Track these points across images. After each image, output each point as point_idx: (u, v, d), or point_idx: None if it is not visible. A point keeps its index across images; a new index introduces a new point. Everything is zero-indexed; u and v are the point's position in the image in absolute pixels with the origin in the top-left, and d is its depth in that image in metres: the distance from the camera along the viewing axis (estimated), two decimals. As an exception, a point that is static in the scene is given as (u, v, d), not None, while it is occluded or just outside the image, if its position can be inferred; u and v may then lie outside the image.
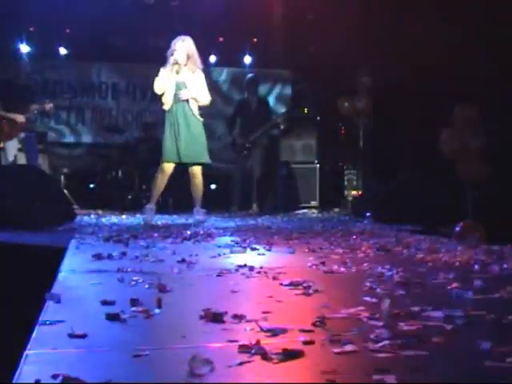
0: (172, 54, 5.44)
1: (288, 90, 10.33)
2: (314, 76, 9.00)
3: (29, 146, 6.81)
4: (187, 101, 5.49)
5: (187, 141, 5.45)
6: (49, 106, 6.99)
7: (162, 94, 5.50)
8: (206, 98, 5.60)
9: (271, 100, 9.61)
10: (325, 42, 7.80)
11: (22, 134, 6.75)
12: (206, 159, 5.57)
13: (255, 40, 9.78)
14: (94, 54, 9.43)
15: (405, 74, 6.21)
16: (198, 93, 5.53)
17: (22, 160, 6.80)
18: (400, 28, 6.27)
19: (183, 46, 5.47)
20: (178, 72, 5.45)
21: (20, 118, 6.67)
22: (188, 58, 5.50)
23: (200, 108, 5.61)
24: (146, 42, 9.29)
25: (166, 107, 5.51)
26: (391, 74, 6.73)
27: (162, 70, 5.51)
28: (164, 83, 5.42)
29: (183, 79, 5.49)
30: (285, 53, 9.38)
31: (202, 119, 5.59)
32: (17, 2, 8.01)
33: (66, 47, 9.38)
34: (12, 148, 6.71)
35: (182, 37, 5.51)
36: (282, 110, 9.74)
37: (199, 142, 5.53)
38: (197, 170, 5.57)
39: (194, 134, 5.50)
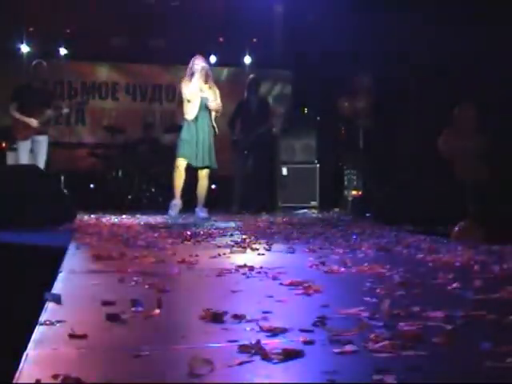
0: (193, 70, 6.05)
1: (288, 90, 10.32)
2: (314, 76, 8.99)
3: (38, 148, 6.99)
4: (210, 113, 6.14)
5: (204, 149, 6.09)
6: (66, 110, 7.26)
7: (189, 102, 6.05)
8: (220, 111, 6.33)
9: (271, 100, 9.60)
10: (325, 42, 7.80)
11: (36, 137, 6.94)
12: (215, 165, 6.23)
13: (255, 40, 9.78)
14: (94, 54, 9.43)
15: (405, 74, 6.21)
16: (219, 106, 6.25)
17: (32, 161, 6.90)
18: (400, 28, 6.27)
19: (202, 64, 6.10)
20: (201, 89, 6.07)
21: (34, 121, 6.86)
22: (207, 75, 6.17)
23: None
24: (146, 42, 9.30)
25: (189, 117, 6.08)
26: (391, 74, 6.73)
27: (185, 84, 6.10)
28: (195, 92, 6.01)
29: (206, 94, 6.13)
30: (285, 53, 9.39)
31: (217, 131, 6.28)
32: (17, 2, 8.02)
33: (66, 47, 9.38)
34: (25, 148, 6.89)
35: (197, 55, 6.19)
36: (281, 110, 9.74)
37: (212, 150, 6.18)
38: (205, 173, 6.24)
39: (210, 143, 6.15)
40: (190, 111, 6.04)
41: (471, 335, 1.43)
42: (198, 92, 6.03)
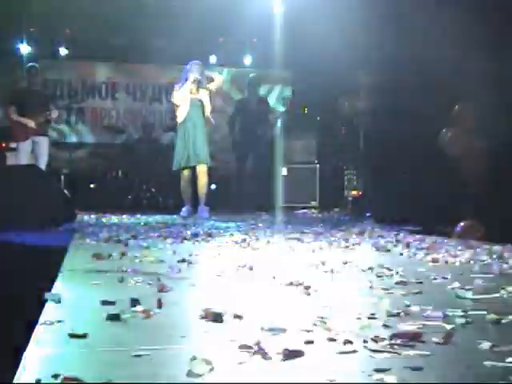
0: (187, 77, 6.41)
1: (288, 91, 10.32)
2: (314, 76, 8.99)
3: (38, 149, 7.02)
4: (202, 111, 6.50)
5: (196, 144, 6.40)
6: (54, 115, 7.26)
7: (178, 107, 6.46)
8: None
9: (271, 100, 9.61)
10: (325, 41, 7.79)
11: (36, 138, 6.96)
12: (208, 161, 6.54)
13: (255, 40, 9.78)
14: (94, 54, 9.43)
15: (405, 73, 6.21)
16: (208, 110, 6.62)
17: (32, 162, 6.92)
18: (400, 27, 6.26)
19: (199, 70, 6.49)
20: (191, 91, 6.44)
21: (31, 123, 6.88)
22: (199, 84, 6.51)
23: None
24: (146, 42, 9.30)
25: (180, 120, 6.48)
26: (391, 74, 6.72)
27: (177, 87, 6.50)
28: (184, 96, 6.42)
29: (196, 96, 6.51)
30: (285, 53, 9.38)
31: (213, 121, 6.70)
32: (17, 1, 8.02)
33: (66, 47, 9.38)
34: (25, 150, 6.91)
35: (196, 61, 6.57)
36: (281, 110, 9.74)
37: (204, 145, 6.49)
38: (203, 170, 6.47)
39: (203, 138, 6.48)
40: (180, 114, 6.48)
41: (471, 335, 1.43)
42: (187, 96, 6.43)
